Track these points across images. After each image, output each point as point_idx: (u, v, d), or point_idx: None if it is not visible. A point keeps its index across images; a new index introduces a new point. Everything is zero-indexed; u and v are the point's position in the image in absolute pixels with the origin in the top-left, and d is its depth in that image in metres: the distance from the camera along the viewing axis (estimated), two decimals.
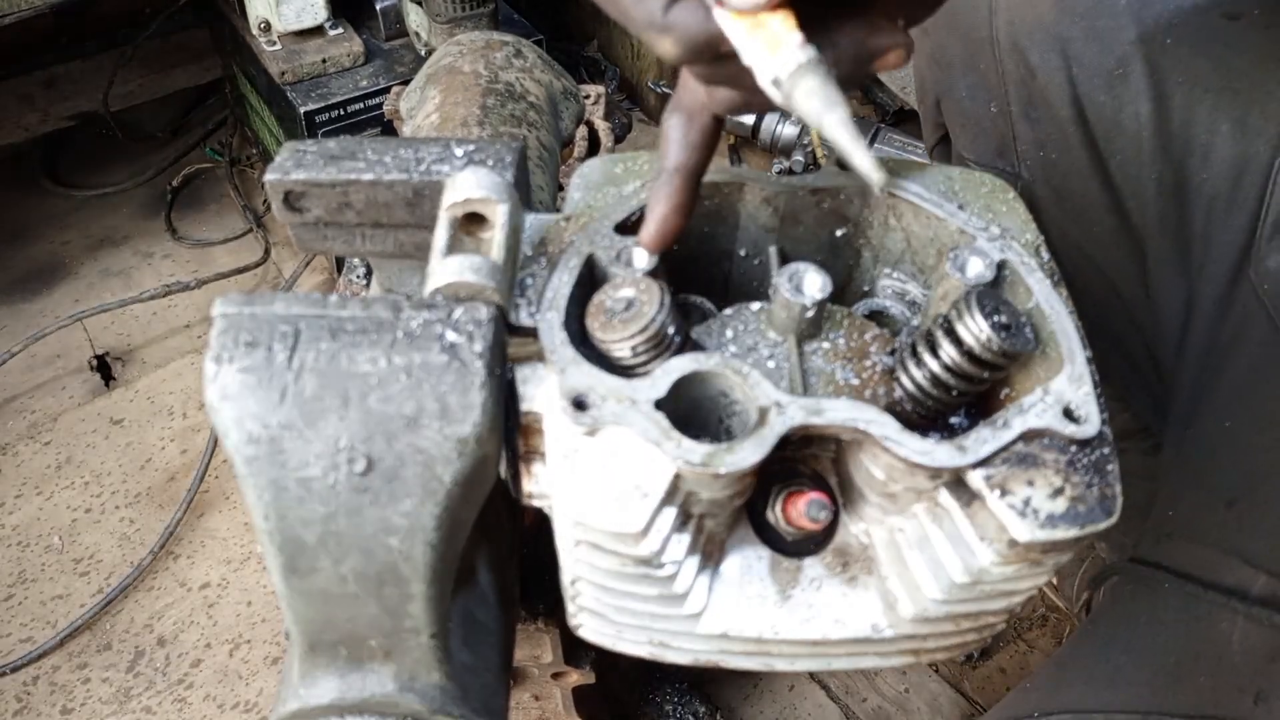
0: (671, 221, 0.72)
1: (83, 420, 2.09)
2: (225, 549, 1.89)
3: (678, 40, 0.58)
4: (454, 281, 0.67)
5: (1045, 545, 0.65)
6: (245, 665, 1.73)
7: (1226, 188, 1.08)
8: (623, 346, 0.68)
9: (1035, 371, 0.70)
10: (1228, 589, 0.91)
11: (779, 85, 0.58)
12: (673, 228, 0.72)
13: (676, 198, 0.71)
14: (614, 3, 0.59)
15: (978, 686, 1.73)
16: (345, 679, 0.74)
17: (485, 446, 0.64)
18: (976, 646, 0.82)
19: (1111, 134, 1.16)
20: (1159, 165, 1.12)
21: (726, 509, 0.71)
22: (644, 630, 0.78)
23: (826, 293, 0.71)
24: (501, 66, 1.37)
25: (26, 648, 1.72)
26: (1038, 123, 1.25)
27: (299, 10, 2.09)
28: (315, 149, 0.77)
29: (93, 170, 2.61)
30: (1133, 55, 1.13)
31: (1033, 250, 0.77)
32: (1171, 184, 1.12)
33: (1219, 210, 1.09)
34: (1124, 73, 1.13)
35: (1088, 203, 1.22)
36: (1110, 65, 1.14)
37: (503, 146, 0.78)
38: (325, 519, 0.64)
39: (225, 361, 0.62)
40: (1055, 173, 1.25)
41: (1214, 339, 1.11)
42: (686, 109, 0.71)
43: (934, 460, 0.64)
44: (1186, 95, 1.09)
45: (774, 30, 0.57)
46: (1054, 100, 1.20)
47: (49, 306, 2.31)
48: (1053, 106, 1.21)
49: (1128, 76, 1.13)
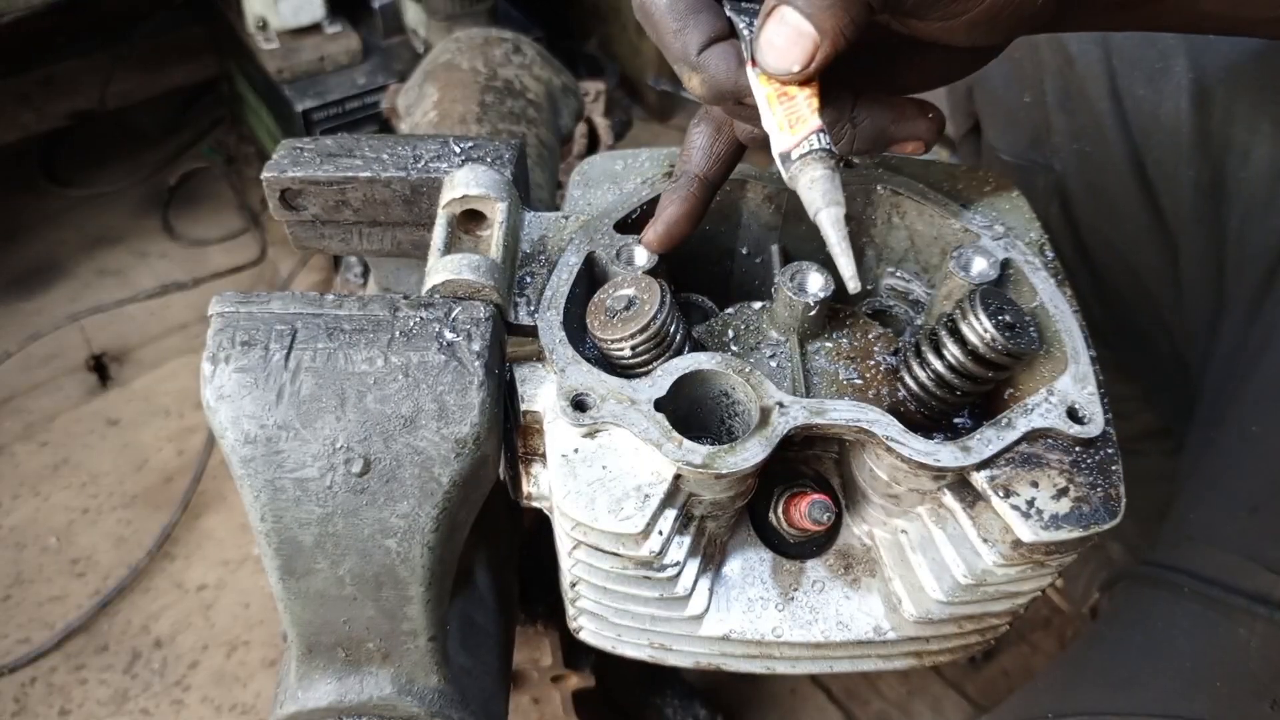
0: (680, 226, 0.72)
1: (79, 421, 2.08)
2: (222, 550, 1.89)
3: (704, 82, 0.61)
4: (452, 279, 0.66)
5: (1049, 546, 0.64)
6: (242, 667, 1.73)
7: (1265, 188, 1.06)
8: (623, 346, 0.67)
9: (1039, 371, 0.69)
10: (1248, 595, 0.91)
11: (787, 162, 0.59)
12: (680, 232, 0.72)
13: (690, 203, 0.71)
14: (654, 29, 0.61)
15: (981, 689, 1.72)
16: (343, 681, 0.73)
17: (484, 447, 0.64)
18: (980, 649, 0.81)
19: (1149, 128, 1.14)
20: (1197, 162, 1.10)
21: (728, 510, 0.70)
22: (644, 633, 0.77)
23: (829, 292, 0.70)
24: (500, 63, 1.37)
25: (24, 649, 1.72)
26: (1074, 114, 1.22)
27: (296, 8, 2.08)
28: (312, 147, 0.77)
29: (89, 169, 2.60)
30: (1176, 49, 1.10)
31: (1037, 249, 0.76)
32: (1209, 182, 1.10)
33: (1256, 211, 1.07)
34: (1165, 66, 1.10)
35: (1121, 198, 1.20)
36: (1152, 58, 1.11)
37: (501, 144, 0.77)
38: (322, 520, 0.64)
39: (222, 361, 0.62)
40: (1089, 166, 1.23)
41: (1243, 342, 1.09)
42: (715, 121, 0.72)
43: (938, 461, 0.64)
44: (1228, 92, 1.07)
45: (797, 105, 0.58)
46: (1092, 91, 1.17)
47: (45, 306, 2.30)
48: (1090, 98, 1.18)
49: (1169, 70, 1.10)
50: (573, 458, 0.65)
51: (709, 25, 0.60)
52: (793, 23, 0.55)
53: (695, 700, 1.58)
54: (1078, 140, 1.24)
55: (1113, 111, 1.16)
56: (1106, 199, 1.23)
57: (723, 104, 0.63)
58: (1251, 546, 0.94)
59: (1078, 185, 1.26)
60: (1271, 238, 1.06)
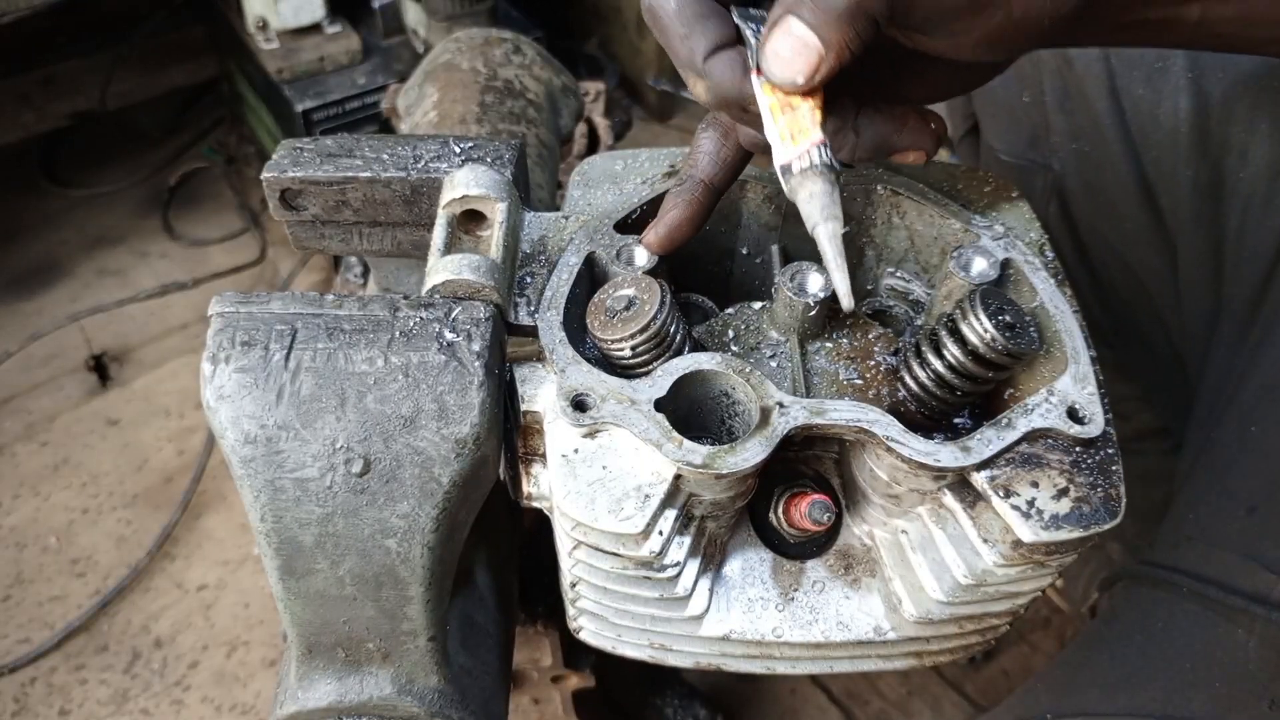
0: (682, 229, 0.72)
1: (80, 421, 2.08)
2: (222, 550, 1.89)
3: (709, 89, 0.61)
4: (452, 280, 0.66)
5: (1049, 546, 0.64)
6: (242, 667, 1.73)
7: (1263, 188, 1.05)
8: (623, 346, 0.67)
9: (1039, 371, 0.69)
10: (1247, 595, 0.91)
11: (788, 174, 0.60)
12: (681, 236, 0.73)
13: (693, 207, 0.72)
14: (662, 33, 0.61)
15: (981, 689, 1.72)
16: (343, 681, 0.73)
17: (484, 447, 0.64)
18: (980, 649, 0.81)
19: (1148, 128, 1.14)
20: (1195, 162, 1.10)
21: (728, 511, 0.70)
22: (645, 633, 0.77)
23: (829, 292, 0.70)
24: (500, 63, 1.37)
25: (24, 649, 1.72)
26: (1072, 114, 1.22)
27: (296, 8, 2.08)
28: (312, 147, 0.77)
29: (89, 169, 2.60)
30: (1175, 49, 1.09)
31: (1037, 249, 0.76)
32: (1207, 182, 1.10)
33: (1254, 210, 1.07)
34: (1164, 65, 1.10)
35: (1120, 197, 1.20)
36: (1151, 57, 1.11)
37: (501, 144, 0.77)
38: (322, 520, 0.64)
39: (222, 361, 0.62)
40: (1088, 165, 1.23)
41: (1242, 341, 1.09)
42: (723, 127, 0.72)
43: (938, 461, 0.64)
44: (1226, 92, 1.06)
45: (801, 116, 0.58)
46: (1091, 91, 1.17)
47: (46, 306, 2.30)
48: (1089, 97, 1.18)
49: (1168, 70, 1.10)
50: (573, 458, 0.65)
51: (716, 32, 0.60)
52: (799, 34, 0.55)
53: (695, 700, 1.58)
54: (1076, 140, 1.23)
55: (1111, 111, 1.16)
56: (1105, 198, 1.22)
57: (727, 110, 0.63)
58: (1250, 546, 0.94)
59: (1076, 185, 1.26)
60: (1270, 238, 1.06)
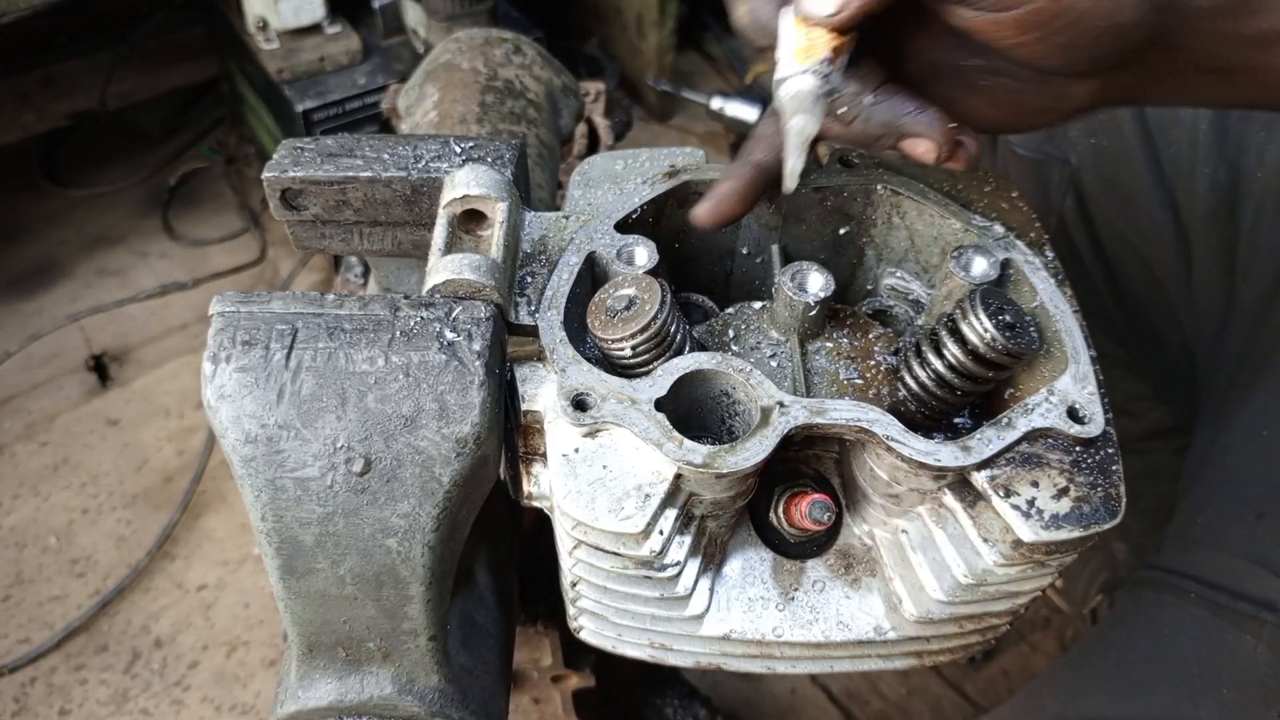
0: (731, 204, 0.74)
1: (80, 421, 2.08)
2: (222, 550, 1.89)
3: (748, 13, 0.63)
4: (452, 279, 0.66)
5: (1050, 546, 0.64)
6: (242, 667, 1.73)
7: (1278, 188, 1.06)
8: (623, 345, 0.67)
9: (1039, 371, 0.69)
10: (1255, 600, 0.90)
11: (781, 84, 0.60)
12: (729, 210, 0.74)
13: (744, 182, 0.73)
14: None
15: (981, 689, 1.72)
16: (343, 681, 0.73)
17: (484, 447, 0.64)
18: (980, 649, 0.81)
19: (1167, 124, 1.13)
20: (1213, 159, 1.10)
21: (729, 510, 0.70)
22: (645, 633, 0.77)
23: (829, 291, 0.70)
24: (500, 63, 1.36)
25: (24, 649, 1.72)
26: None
27: (297, 8, 2.08)
28: (313, 147, 0.77)
29: (89, 169, 2.60)
30: None
31: (1037, 249, 0.76)
32: (1224, 180, 1.10)
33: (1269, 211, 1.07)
34: None
35: (1136, 193, 1.19)
36: None
37: (502, 144, 0.77)
38: (323, 520, 0.64)
39: (223, 361, 0.62)
40: (1105, 160, 1.23)
41: (1253, 342, 1.09)
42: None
43: (938, 460, 0.64)
44: None
45: (816, 44, 0.60)
46: None
47: (46, 306, 2.30)
48: None
49: None
50: (573, 457, 0.65)
51: None
52: None
53: (695, 700, 1.58)
54: (1094, 134, 1.23)
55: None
56: (1122, 194, 1.22)
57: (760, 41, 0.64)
58: (1258, 551, 0.94)
59: (1093, 180, 1.25)
60: None
